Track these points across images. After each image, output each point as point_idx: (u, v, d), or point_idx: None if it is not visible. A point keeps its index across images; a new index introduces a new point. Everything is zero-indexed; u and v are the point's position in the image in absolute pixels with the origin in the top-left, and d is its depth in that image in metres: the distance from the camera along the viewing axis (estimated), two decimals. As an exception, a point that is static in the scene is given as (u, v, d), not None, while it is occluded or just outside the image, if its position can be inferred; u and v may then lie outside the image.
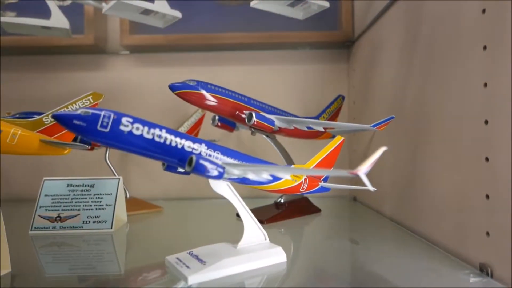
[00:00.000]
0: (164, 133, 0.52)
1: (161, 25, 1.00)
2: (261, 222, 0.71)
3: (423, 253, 0.62)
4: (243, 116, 0.84)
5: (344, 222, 0.96)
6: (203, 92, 0.81)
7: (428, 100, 0.69)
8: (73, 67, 1.27)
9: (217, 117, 0.92)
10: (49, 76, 1.27)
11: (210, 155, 0.55)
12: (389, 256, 0.62)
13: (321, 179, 0.71)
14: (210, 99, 0.81)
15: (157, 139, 0.51)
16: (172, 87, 0.80)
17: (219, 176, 0.52)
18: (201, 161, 0.50)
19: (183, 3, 0.99)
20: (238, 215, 0.92)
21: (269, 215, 0.87)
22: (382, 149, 0.43)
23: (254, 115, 0.80)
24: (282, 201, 0.94)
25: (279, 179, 0.61)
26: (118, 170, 1.06)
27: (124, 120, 0.49)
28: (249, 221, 0.60)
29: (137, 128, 0.50)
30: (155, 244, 0.74)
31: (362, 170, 0.42)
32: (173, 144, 0.52)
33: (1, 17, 0.97)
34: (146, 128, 0.50)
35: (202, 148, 0.54)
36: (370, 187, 0.42)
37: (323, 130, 0.91)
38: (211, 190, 1.24)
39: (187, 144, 0.53)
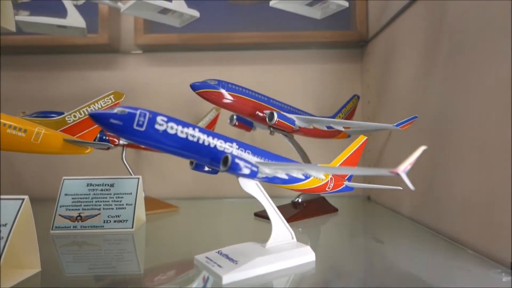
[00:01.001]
0: (197, 132, 0.52)
1: (178, 24, 1.00)
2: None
3: (451, 252, 0.62)
4: (262, 115, 0.84)
5: (363, 221, 0.96)
6: (222, 91, 0.81)
7: (451, 100, 0.69)
8: (86, 66, 1.27)
9: (235, 117, 0.92)
10: (61, 75, 1.27)
11: (241, 155, 0.55)
12: (417, 255, 0.62)
13: (345, 178, 0.71)
14: (230, 98, 0.81)
15: (190, 138, 0.51)
16: (193, 87, 0.80)
17: (253, 175, 0.52)
18: (237, 160, 0.50)
19: (197, 3, 0.99)
20: (256, 214, 0.93)
21: (287, 214, 0.87)
22: (422, 148, 0.43)
23: (275, 114, 0.80)
24: (300, 200, 0.94)
25: (307, 178, 0.61)
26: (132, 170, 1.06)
27: (159, 119, 0.49)
28: (277, 220, 0.60)
29: (172, 127, 0.50)
30: (178, 243, 0.74)
31: (402, 169, 0.42)
32: (206, 143, 0.52)
33: (17, 16, 0.97)
34: (180, 127, 0.50)
35: (233, 148, 0.54)
36: (410, 185, 0.42)
37: (343, 129, 0.91)
38: (224, 190, 1.24)
39: (219, 144, 0.53)
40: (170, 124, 0.50)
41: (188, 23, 1.00)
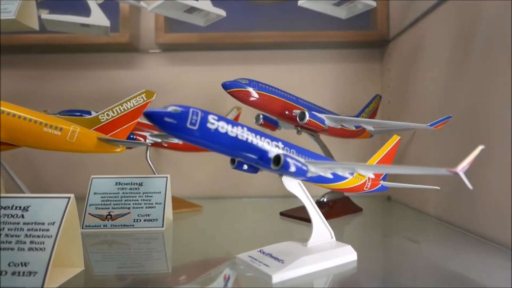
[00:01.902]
0: (245, 132, 0.52)
1: (202, 24, 1.00)
2: (307, 221, 0.69)
3: (489, 252, 0.62)
4: (288, 114, 0.84)
5: (390, 221, 0.96)
6: (251, 90, 0.81)
7: (484, 100, 0.69)
8: (106, 65, 1.26)
9: (261, 116, 0.92)
10: (81, 74, 1.26)
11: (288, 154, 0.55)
12: (455, 254, 0.62)
13: (380, 177, 0.71)
14: (260, 97, 0.81)
15: (240, 137, 0.51)
16: (224, 86, 0.80)
17: (303, 174, 0.52)
18: (288, 159, 0.50)
19: (217, 3, 0.99)
20: (282, 213, 0.92)
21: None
22: (480, 147, 0.44)
23: (307, 114, 0.80)
24: (326, 200, 0.94)
25: (352, 176, 0.61)
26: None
27: (211, 117, 0.49)
28: (318, 220, 0.60)
29: (222, 127, 0.50)
30: (207, 242, 0.74)
31: (461, 168, 0.42)
32: (254, 142, 0.52)
33: (41, 15, 0.96)
34: (229, 127, 0.50)
35: (279, 147, 0.54)
36: (469, 185, 0.42)
37: (372, 129, 0.91)
38: (244, 190, 1.24)
39: (266, 143, 0.53)
40: (221, 123, 0.50)
41: (212, 22, 0.99)
